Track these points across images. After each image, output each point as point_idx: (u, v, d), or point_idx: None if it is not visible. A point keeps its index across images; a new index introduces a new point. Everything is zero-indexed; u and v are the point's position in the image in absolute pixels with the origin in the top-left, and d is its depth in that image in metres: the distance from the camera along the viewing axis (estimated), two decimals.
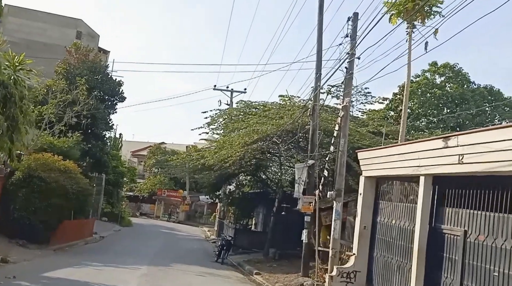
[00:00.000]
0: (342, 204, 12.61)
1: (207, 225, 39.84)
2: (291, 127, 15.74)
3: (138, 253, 18.47)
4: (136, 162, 52.53)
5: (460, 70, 25.34)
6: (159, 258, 17.51)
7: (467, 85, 25.17)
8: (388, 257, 10.76)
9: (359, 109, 19.40)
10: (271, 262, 18.48)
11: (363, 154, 12.15)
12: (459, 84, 24.96)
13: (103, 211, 33.85)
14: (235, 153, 16.03)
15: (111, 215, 33.97)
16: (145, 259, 16.45)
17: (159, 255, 18.58)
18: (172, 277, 12.52)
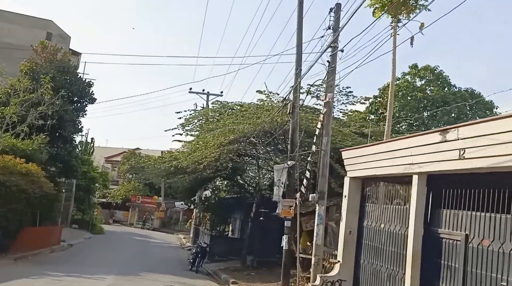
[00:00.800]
0: (325, 207, 11.56)
1: (183, 232, 38.24)
2: (269, 127, 14.66)
3: (107, 262, 16.96)
4: (109, 168, 50.44)
5: (440, 72, 24.91)
6: (129, 267, 16.06)
7: (448, 88, 24.75)
8: (376, 264, 9.73)
9: (340, 109, 18.53)
10: (249, 270, 17.27)
11: (348, 153, 11.15)
12: (440, 87, 24.51)
13: (73, 218, 32.00)
14: (210, 154, 14.82)
15: (82, 222, 32.12)
16: (114, 268, 14.98)
17: (129, 264, 17.11)
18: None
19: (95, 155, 53.36)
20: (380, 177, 9.97)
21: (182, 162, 16.31)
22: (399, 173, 8.82)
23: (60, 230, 23.24)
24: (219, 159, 14.94)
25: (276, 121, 14.70)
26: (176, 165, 16.89)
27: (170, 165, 16.96)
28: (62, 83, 22.27)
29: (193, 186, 22.15)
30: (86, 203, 33.40)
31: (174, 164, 16.95)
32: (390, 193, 9.85)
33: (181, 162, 16.37)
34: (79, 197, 32.28)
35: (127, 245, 25.67)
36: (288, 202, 13.01)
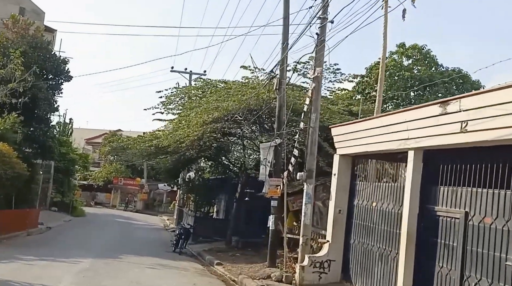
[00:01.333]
0: (313, 186, 11.05)
1: (167, 214, 37.60)
2: (255, 104, 13.97)
3: (86, 245, 16.25)
4: (90, 150, 49.09)
5: (428, 52, 24.44)
6: (109, 249, 15.39)
7: (435, 68, 24.32)
8: (368, 244, 9.32)
9: (328, 87, 17.88)
10: (234, 251, 16.80)
11: (338, 129, 10.60)
12: (427, 66, 24.06)
13: (52, 200, 30.94)
14: (192, 133, 14.07)
15: (61, 205, 31.11)
16: (92, 251, 14.30)
17: (109, 247, 16.44)
18: (118, 271, 10.51)
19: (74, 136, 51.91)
20: (372, 154, 9.48)
21: (163, 141, 15.53)
22: (393, 149, 8.32)
23: (37, 212, 22.30)
24: (202, 138, 14.23)
25: (262, 98, 14.01)
26: (157, 145, 16.10)
27: (151, 144, 16.14)
28: (34, 59, 20.99)
29: (176, 167, 21.42)
30: (65, 185, 32.29)
31: (154, 143, 16.14)
32: (382, 170, 9.38)
33: (162, 141, 15.59)
34: (58, 179, 31.13)
35: (108, 228, 24.91)
36: (275, 181, 12.46)
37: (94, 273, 9.79)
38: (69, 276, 9.28)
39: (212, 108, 14.11)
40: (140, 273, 10.59)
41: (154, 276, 10.37)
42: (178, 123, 16.33)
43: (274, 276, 10.43)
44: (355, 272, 9.61)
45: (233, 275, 11.95)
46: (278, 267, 11.53)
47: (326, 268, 10.09)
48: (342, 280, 9.99)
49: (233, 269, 13.01)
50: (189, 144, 14.45)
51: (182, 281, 10.04)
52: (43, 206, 29.97)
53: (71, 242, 17.16)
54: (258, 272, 11.41)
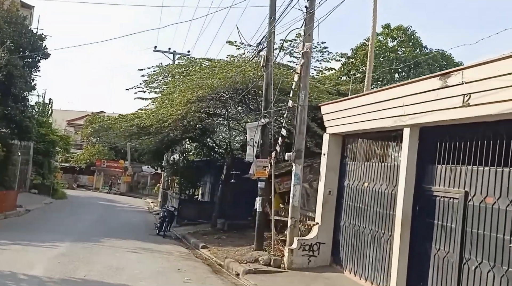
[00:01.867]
0: (302, 166, 10.58)
1: (151, 196, 36.95)
2: (241, 82, 13.33)
3: (65, 228, 15.59)
4: (72, 132, 47.74)
5: (413, 33, 24.01)
6: (89, 233, 14.77)
7: (420, 49, 23.96)
8: (359, 226, 8.93)
9: (314, 67, 17.29)
10: (220, 233, 16.36)
11: (328, 107, 10.09)
12: (412, 48, 23.66)
13: (32, 182, 29.97)
14: (176, 112, 13.39)
15: (42, 187, 30.16)
16: (71, 234, 13.67)
17: (90, 230, 15.81)
18: (97, 256, 9.94)
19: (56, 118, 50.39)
20: (364, 133, 9.02)
21: (145, 120, 14.80)
22: (387, 126, 7.86)
23: (15, 195, 21.45)
24: (186, 117, 13.55)
25: (248, 75, 13.38)
26: (139, 124, 15.36)
27: (132, 124, 15.38)
28: (9, 34, 19.78)
29: (160, 149, 20.71)
30: (46, 167, 31.24)
31: (136, 123, 15.39)
32: (374, 149, 8.94)
33: (144, 120, 14.87)
34: (38, 161, 30.10)
35: (90, 210, 24.20)
36: (262, 162, 11.94)
37: (70, 259, 9.19)
38: (43, 261, 8.67)
39: (195, 85, 13.41)
40: (120, 258, 10.04)
41: (135, 261, 9.83)
42: (161, 103, 15.59)
43: (262, 259, 10.01)
44: (346, 255, 9.25)
45: (219, 259, 11.52)
46: (266, 250, 11.12)
47: (315, 251, 9.72)
48: (332, 263, 9.64)
49: (219, 252, 12.57)
50: (172, 124, 13.78)
51: (165, 266, 9.53)
52: (22, 188, 28.99)
53: (49, 225, 16.46)
54: (245, 256, 10.98)
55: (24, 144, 28.52)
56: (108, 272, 8.13)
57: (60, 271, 7.85)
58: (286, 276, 9.10)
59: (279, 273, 9.33)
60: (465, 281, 6.08)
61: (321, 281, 8.73)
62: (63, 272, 7.78)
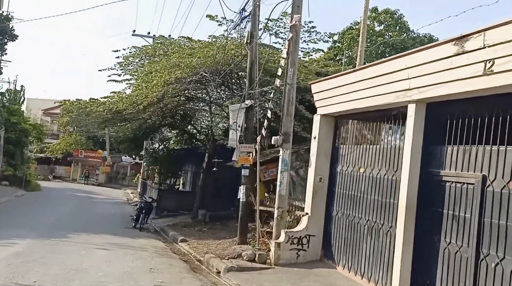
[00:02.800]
0: (290, 152, 9.56)
1: (131, 187, 35.55)
2: (222, 62, 12.18)
3: (31, 223, 14.27)
4: (49, 121, 45.70)
5: (400, 17, 23.15)
6: (57, 227, 13.51)
7: (407, 33, 23.17)
8: (353, 216, 7.99)
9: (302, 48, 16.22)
10: (201, 225, 15.32)
11: (319, 85, 9.06)
12: (399, 32, 22.84)
13: (3, 174, 28.24)
14: (151, 94, 12.18)
15: (13, 179, 28.47)
16: (36, 230, 12.40)
17: (59, 224, 14.53)
18: (58, 255, 8.74)
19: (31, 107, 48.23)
20: (359, 113, 8.05)
21: (117, 104, 13.53)
22: (388, 103, 6.89)
23: None
24: (163, 99, 12.36)
25: (230, 54, 12.25)
26: (111, 109, 14.08)
27: (104, 108, 14.07)
28: None
29: (137, 137, 19.43)
30: (18, 157, 29.49)
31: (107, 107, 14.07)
32: (371, 131, 7.97)
33: (117, 104, 13.60)
34: (9, 151, 28.36)
35: (64, 202, 22.78)
36: (246, 148, 10.89)
37: (24, 259, 7.96)
38: None
39: (173, 65, 12.20)
40: (85, 257, 8.85)
41: (102, 260, 8.67)
42: (137, 87, 14.31)
43: (246, 255, 9.00)
44: (339, 249, 8.32)
45: (198, 254, 10.48)
46: (250, 244, 10.12)
47: (305, 244, 8.77)
48: (323, 258, 8.70)
49: (199, 246, 11.53)
50: (148, 107, 12.56)
51: (136, 265, 8.40)
52: None
53: (15, 219, 15.10)
54: (227, 250, 9.96)
55: None
56: (65, 276, 6.95)
57: (6, 275, 6.61)
58: (273, 273, 8.12)
59: (265, 270, 8.34)
60: (483, 280, 5.18)
61: (312, 278, 7.77)
62: (9, 277, 6.53)
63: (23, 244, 9.71)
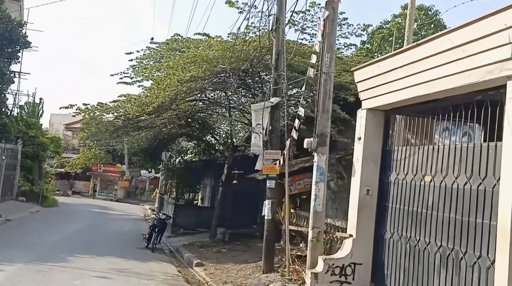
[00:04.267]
0: (327, 157, 7.59)
1: (149, 202, 33.96)
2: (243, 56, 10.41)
3: (34, 242, 12.70)
4: (70, 136, 44.99)
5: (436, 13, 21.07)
6: (60, 248, 11.87)
7: None
8: (417, 240, 5.92)
9: None
10: (220, 245, 13.42)
11: (364, 71, 7.11)
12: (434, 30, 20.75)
13: (20, 189, 27.13)
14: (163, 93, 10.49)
15: (30, 195, 27.29)
16: (35, 251, 10.82)
17: (63, 244, 12.90)
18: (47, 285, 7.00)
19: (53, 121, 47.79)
20: (421, 103, 6.06)
21: (125, 105, 11.89)
22: (473, 83, 4.89)
23: None
24: (176, 99, 10.65)
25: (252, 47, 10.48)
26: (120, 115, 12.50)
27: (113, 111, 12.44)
28: None
29: (153, 147, 17.80)
30: (35, 172, 28.38)
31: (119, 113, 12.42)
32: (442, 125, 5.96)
33: (124, 105, 11.97)
34: (26, 165, 27.29)
35: (78, 219, 21.28)
36: (272, 154, 9.00)
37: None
38: None
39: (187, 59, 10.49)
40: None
41: None
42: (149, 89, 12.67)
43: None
44: (396, 283, 6.23)
45: (216, 283, 8.55)
46: (278, 272, 8.15)
47: (349, 275, 6.71)
48: None
49: (217, 272, 9.62)
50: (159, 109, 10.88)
51: None
52: (8, 195, 26.25)
53: (18, 238, 13.57)
54: (251, 279, 8.03)
55: (11, 147, 25.83)
56: None
57: None
58: None
59: None
60: None
61: None
62: None
63: (9, 271, 8.03)
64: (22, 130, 26.54)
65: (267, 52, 10.43)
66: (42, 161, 29.46)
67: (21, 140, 26.42)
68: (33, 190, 27.58)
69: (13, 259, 9.42)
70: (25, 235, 14.49)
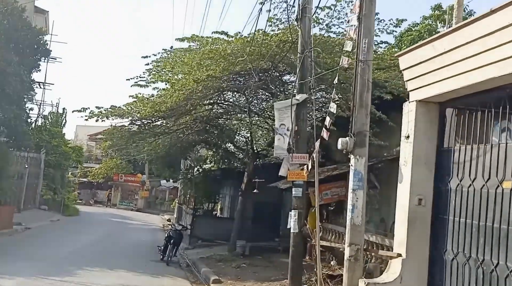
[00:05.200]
0: (367, 160, 6.17)
1: (169, 212, 32.85)
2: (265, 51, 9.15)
3: (44, 253, 11.66)
4: (94, 146, 44.57)
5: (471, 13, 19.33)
6: (70, 260, 10.79)
7: None
8: (494, 264, 4.43)
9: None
10: (239, 260, 12.06)
11: (413, 55, 5.71)
12: None
13: (42, 198, 26.48)
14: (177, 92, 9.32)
15: (52, 203, 26.65)
16: (41, 263, 9.85)
17: (74, 255, 11.80)
18: None
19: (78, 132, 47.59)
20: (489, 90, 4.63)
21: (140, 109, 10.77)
22: None
23: (10, 210, 17.84)
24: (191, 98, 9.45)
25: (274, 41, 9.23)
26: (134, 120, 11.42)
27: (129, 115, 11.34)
28: (3, 27, 16.59)
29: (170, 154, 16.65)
30: (58, 181, 27.73)
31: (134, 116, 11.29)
32: None
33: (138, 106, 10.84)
34: (49, 174, 26.68)
35: (96, 228, 20.27)
36: (298, 158, 7.64)
37: None
38: None
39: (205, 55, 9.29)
40: None
41: None
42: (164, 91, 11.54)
43: None
44: None
45: None
46: None
47: None
48: None
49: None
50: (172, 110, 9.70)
51: None
52: (31, 204, 25.59)
53: (31, 248, 12.59)
54: None
55: (34, 156, 25.26)
56: None
57: None
58: None
59: None
60: None
61: None
62: None
63: None
64: (45, 139, 26.02)
65: (291, 47, 9.15)
66: (64, 170, 28.85)
67: (44, 149, 25.89)
68: (55, 199, 26.90)
69: (16, 272, 8.41)
70: (39, 245, 13.52)
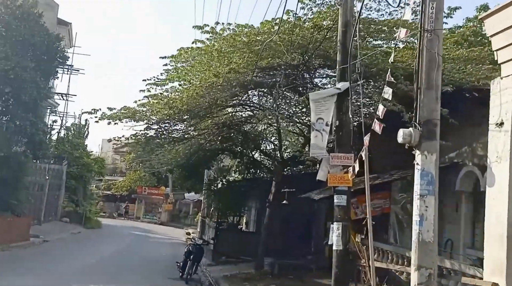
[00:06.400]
0: (438, 156, 4.69)
1: (193, 226, 31.68)
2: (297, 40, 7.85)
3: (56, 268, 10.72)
4: (118, 160, 44.23)
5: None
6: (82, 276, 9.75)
7: None
8: None
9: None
10: (268, 279, 10.61)
11: (507, 13, 4.27)
12: None
13: (64, 210, 25.88)
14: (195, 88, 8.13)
15: (74, 216, 25.99)
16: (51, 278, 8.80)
17: (88, 271, 10.73)
18: None
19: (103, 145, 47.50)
20: None
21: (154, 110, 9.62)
22: None
23: (27, 222, 17.11)
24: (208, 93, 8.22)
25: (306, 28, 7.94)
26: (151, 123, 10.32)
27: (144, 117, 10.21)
28: (19, 32, 16.01)
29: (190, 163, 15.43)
30: (80, 193, 27.09)
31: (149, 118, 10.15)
32: None
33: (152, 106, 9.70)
34: (71, 186, 26.08)
35: (116, 242, 19.26)
36: (341, 159, 6.21)
37: None
38: None
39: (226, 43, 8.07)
40: None
41: None
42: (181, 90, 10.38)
43: None
44: None
45: None
46: None
47: None
48: None
49: None
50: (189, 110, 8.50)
51: None
52: (52, 216, 24.97)
53: (42, 263, 11.59)
54: None
55: (56, 168, 24.74)
56: None
57: None
58: None
59: None
60: None
61: None
62: None
63: None
64: (67, 151, 25.51)
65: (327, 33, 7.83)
66: (86, 182, 28.26)
67: (66, 160, 25.38)
68: (77, 211, 26.23)
69: None
70: (51, 259, 12.57)
